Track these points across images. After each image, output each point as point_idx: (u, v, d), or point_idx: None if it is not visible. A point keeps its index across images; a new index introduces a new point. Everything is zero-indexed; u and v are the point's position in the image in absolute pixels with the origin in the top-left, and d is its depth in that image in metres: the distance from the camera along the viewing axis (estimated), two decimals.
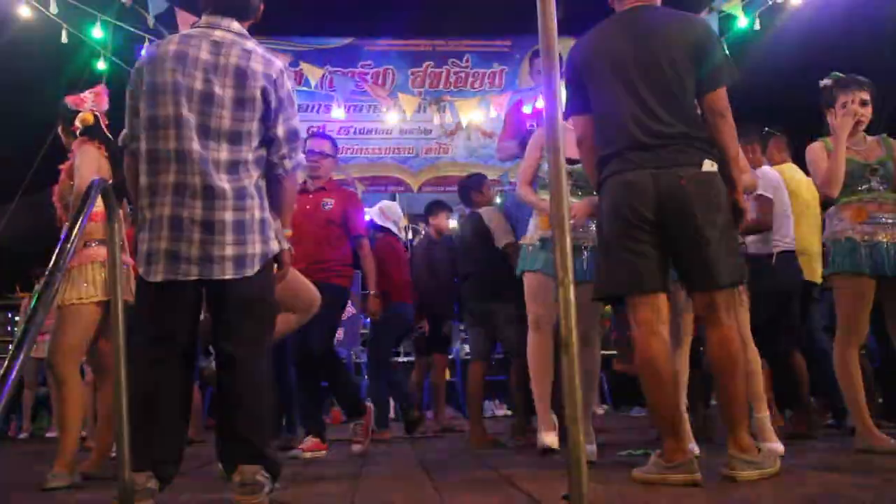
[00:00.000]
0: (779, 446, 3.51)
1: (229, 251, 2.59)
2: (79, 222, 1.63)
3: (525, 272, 3.96)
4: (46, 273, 1.53)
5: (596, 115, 3.04)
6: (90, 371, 3.64)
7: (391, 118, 9.34)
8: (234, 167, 2.63)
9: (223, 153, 2.63)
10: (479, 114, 8.85)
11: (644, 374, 2.81)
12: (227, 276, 2.59)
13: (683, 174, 2.78)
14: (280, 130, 2.73)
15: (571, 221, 3.71)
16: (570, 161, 3.78)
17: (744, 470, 2.67)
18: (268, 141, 2.73)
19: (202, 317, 2.69)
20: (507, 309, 4.68)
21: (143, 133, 2.63)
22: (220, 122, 2.63)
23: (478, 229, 4.96)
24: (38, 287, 2.75)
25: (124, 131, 2.75)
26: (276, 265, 2.79)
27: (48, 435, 7.78)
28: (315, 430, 4.57)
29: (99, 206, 2.69)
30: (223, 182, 2.60)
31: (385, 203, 6.43)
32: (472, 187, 5.40)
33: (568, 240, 2.14)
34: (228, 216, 2.59)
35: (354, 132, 9.95)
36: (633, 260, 2.81)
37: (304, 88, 8.84)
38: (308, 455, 4.39)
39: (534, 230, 3.98)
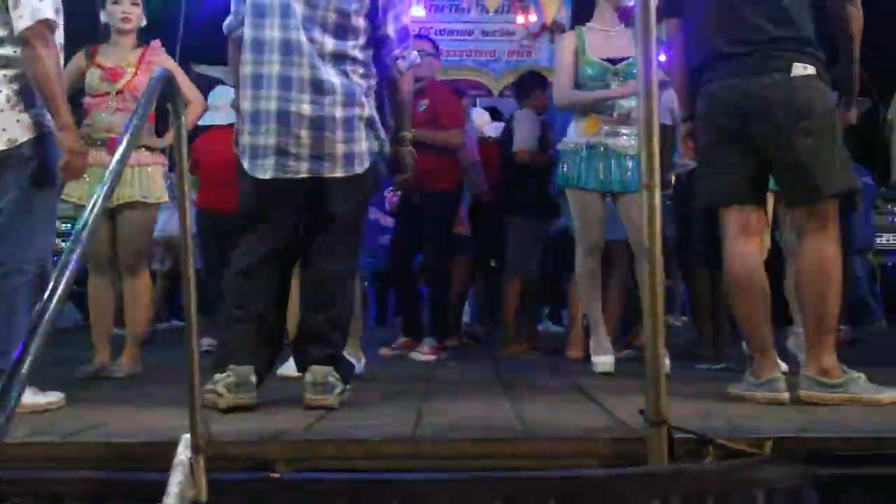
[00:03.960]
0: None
1: (339, 148, 2.54)
2: (139, 114, 1.57)
3: (570, 188, 3.67)
4: (111, 166, 1.47)
5: (687, 19, 2.85)
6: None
7: (473, 17, 9.05)
8: (340, 60, 2.56)
9: (328, 46, 2.55)
10: (564, 13, 8.49)
11: (734, 287, 2.71)
12: (338, 174, 2.54)
13: (768, 81, 2.59)
14: (391, 29, 2.65)
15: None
16: (613, 60, 3.57)
17: (823, 393, 2.51)
18: (379, 41, 2.65)
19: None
20: (516, 221, 4.60)
21: (247, 20, 2.57)
22: (325, 14, 2.55)
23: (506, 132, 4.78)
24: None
25: (228, 18, 2.68)
26: (398, 169, 2.77)
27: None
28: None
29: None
30: (331, 76, 2.53)
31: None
32: (534, 85, 5.00)
33: (656, 144, 2.01)
34: (339, 112, 2.53)
35: (434, 33, 9.69)
36: (724, 171, 2.69)
37: None
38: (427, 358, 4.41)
39: (576, 134, 3.68)
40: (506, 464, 1.95)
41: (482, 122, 6.21)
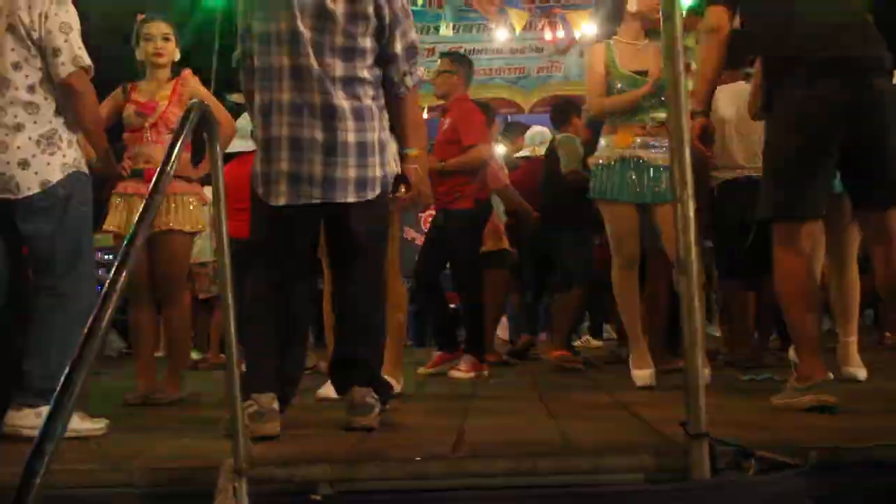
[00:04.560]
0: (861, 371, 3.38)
1: (352, 173, 2.55)
2: (178, 144, 1.60)
3: (602, 202, 3.64)
4: (148, 195, 1.51)
5: (753, 16, 2.82)
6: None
7: (501, 36, 9.07)
8: (349, 84, 2.56)
9: (337, 70, 2.55)
10: (592, 27, 8.48)
11: (784, 290, 2.70)
12: (350, 200, 2.55)
13: (876, 84, 2.59)
14: (398, 47, 2.65)
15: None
16: (642, 72, 3.56)
17: None
18: (386, 58, 2.65)
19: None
20: (567, 236, 4.60)
21: (256, 49, 2.59)
22: (332, 39, 2.55)
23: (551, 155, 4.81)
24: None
25: (236, 52, 2.71)
26: (403, 187, 2.75)
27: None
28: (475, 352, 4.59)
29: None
30: (341, 100, 2.54)
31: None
32: (571, 110, 5.10)
33: (687, 153, 2.01)
34: (351, 137, 2.54)
35: (462, 52, 9.73)
36: (809, 183, 2.65)
37: (412, 7, 8.67)
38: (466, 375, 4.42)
39: (608, 148, 3.64)
40: (548, 480, 1.94)
41: (538, 141, 6.27)
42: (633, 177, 3.56)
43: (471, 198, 4.59)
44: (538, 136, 6.31)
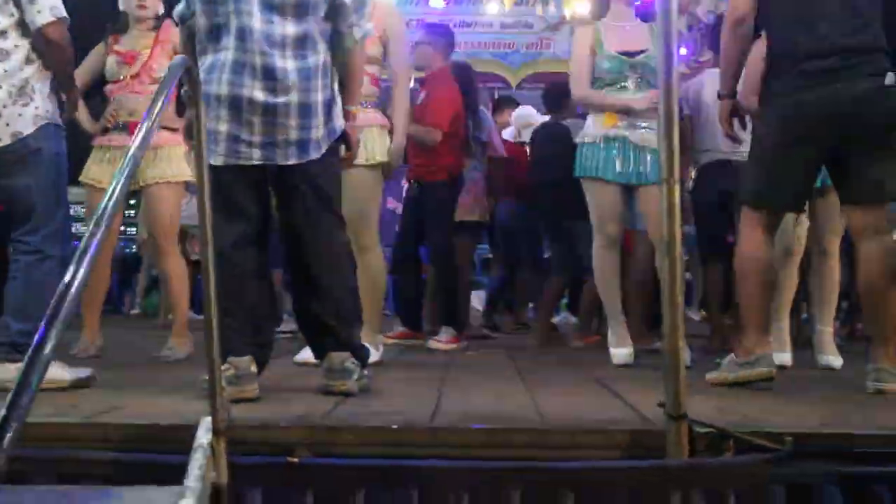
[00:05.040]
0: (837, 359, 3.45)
1: (293, 135, 2.49)
2: (160, 101, 1.56)
3: (590, 180, 3.62)
4: (129, 150, 1.47)
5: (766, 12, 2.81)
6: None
7: (492, 9, 8.99)
8: (300, 43, 2.49)
9: (289, 27, 2.48)
10: (584, 5, 8.43)
11: (740, 267, 2.80)
12: (291, 162, 2.51)
13: (861, 88, 2.61)
14: None
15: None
16: (629, 53, 3.54)
17: (892, 383, 2.56)
18: (333, 9, 2.55)
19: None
20: (585, 226, 4.57)
21: (198, 7, 2.50)
22: None
23: (563, 141, 4.74)
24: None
25: (179, 6, 2.62)
26: (343, 147, 2.68)
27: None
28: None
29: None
30: (286, 61, 2.47)
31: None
32: (561, 95, 4.91)
33: (676, 138, 2.00)
34: (293, 98, 2.47)
35: (454, 25, 9.62)
36: (790, 180, 2.74)
37: None
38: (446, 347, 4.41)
39: (594, 127, 3.63)
40: (523, 454, 1.95)
41: (521, 124, 6.19)
42: (619, 157, 3.55)
43: (444, 171, 4.54)
44: (523, 119, 6.25)
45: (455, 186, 4.68)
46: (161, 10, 3.74)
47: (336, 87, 2.62)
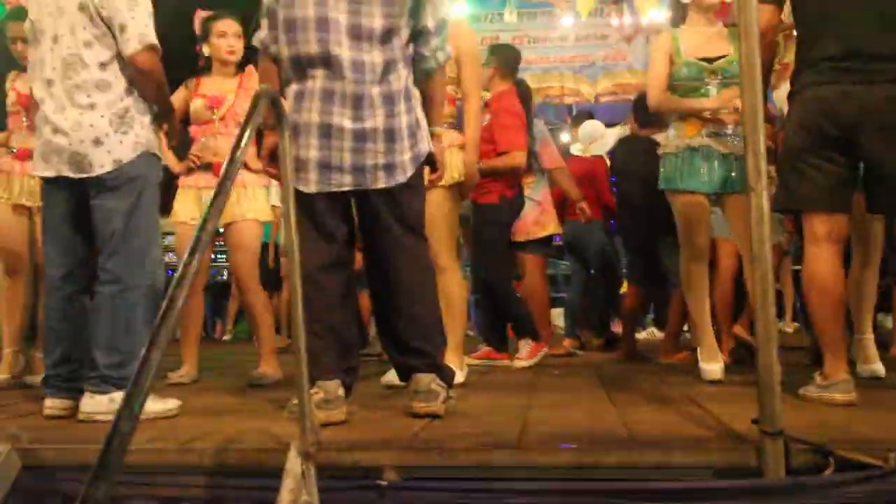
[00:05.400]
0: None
1: (381, 159, 2.52)
2: (245, 135, 1.60)
3: (675, 192, 3.54)
4: (218, 184, 1.51)
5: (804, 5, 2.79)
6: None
7: (566, 22, 8.96)
8: (386, 69, 2.53)
9: (376, 55, 2.52)
10: (660, 12, 8.32)
11: (809, 290, 2.75)
12: (380, 186, 2.54)
13: (884, 93, 2.59)
14: (430, 22, 2.60)
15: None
16: (708, 59, 3.46)
17: None
18: (417, 34, 2.61)
19: None
20: (670, 239, 4.47)
21: (282, 38, 2.55)
22: (371, 21, 2.50)
23: (649, 154, 4.67)
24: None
25: (260, 32, 2.66)
26: (429, 168, 2.71)
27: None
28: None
29: None
30: (373, 87, 2.51)
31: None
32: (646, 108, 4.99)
33: (762, 142, 1.95)
34: (380, 123, 2.51)
35: (528, 41, 9.62)
36: (818, 176, 2.68)
37: None
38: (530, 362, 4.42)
39: (676, 137, 3.55)
40: (612, 474, 1.91)
41: (588, 140, 6.15)
42: (703, 166, 3.47)
43: (496, 193, 4.53)
44: (589, 134, 6.19)
45: (506, 209, 4.63)
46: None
47: (420, 110, 2.66)
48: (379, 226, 2.59)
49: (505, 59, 4.75)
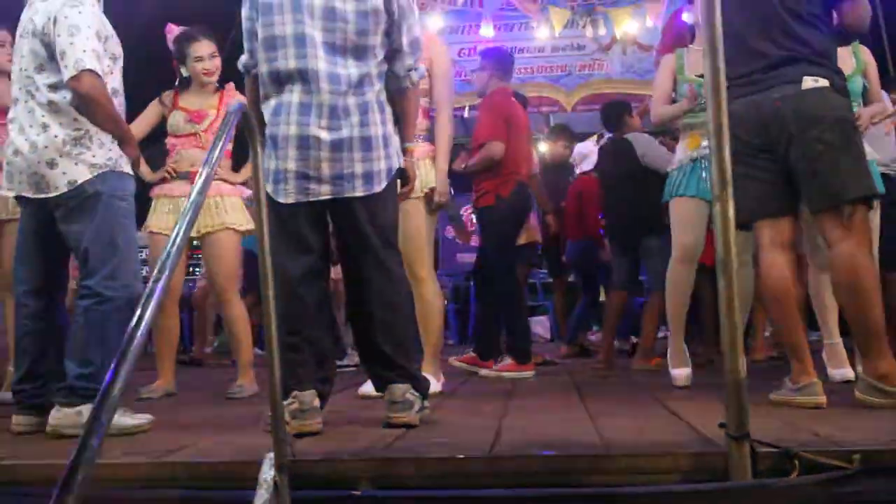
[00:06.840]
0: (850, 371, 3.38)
1: (358, 168, 2.56)
2: (219, 146, 1.62)
3: (674, 198, 3.67)
4: (191, 196, 1.52)
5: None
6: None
7: (542, 34, 9.03)
8: (360, 81, 2.58)
9: (351, 69, 2.57)
10: (634, 24, 8.42)
11: (767, 296, 2.82)
12: (358, 194, 2.57)
13: (778, 94, 2.69)
14: (405, 41, 2.67)
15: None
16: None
17: (881, 399, 2.54)
18: (391, 53, 2.67)
19: None
20: (653, 241, 4.51)
21: (261, 55, 2.59)
22: (344, 38, 2.56)
23: (627, 156, 4.73)
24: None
25: (242, 57, 2.71)
26: (400, 181, 2.75)
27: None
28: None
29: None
30: (348, 97, 2.55)
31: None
32: (624, 110, 5.03)
33: (727, 151, 1.99)
34: (356, 132, 2.56)
35: None
36: (752, 185, 2.73)
37: (452, 7, 8.67)
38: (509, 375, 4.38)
39: (682, 153, 3.70)
40: (586, 480, 1.93)
41: (578, 161, 6.21)
42: (702, 173, 3.57)
43: (491, 194, 4.50)
44: (579, 156, 6.24)
45: (505, 209, 4.52)
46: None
47: (391, 125, 2.70)
48: (356, 235, 2.62)
49: (498, 61, 4.78)
